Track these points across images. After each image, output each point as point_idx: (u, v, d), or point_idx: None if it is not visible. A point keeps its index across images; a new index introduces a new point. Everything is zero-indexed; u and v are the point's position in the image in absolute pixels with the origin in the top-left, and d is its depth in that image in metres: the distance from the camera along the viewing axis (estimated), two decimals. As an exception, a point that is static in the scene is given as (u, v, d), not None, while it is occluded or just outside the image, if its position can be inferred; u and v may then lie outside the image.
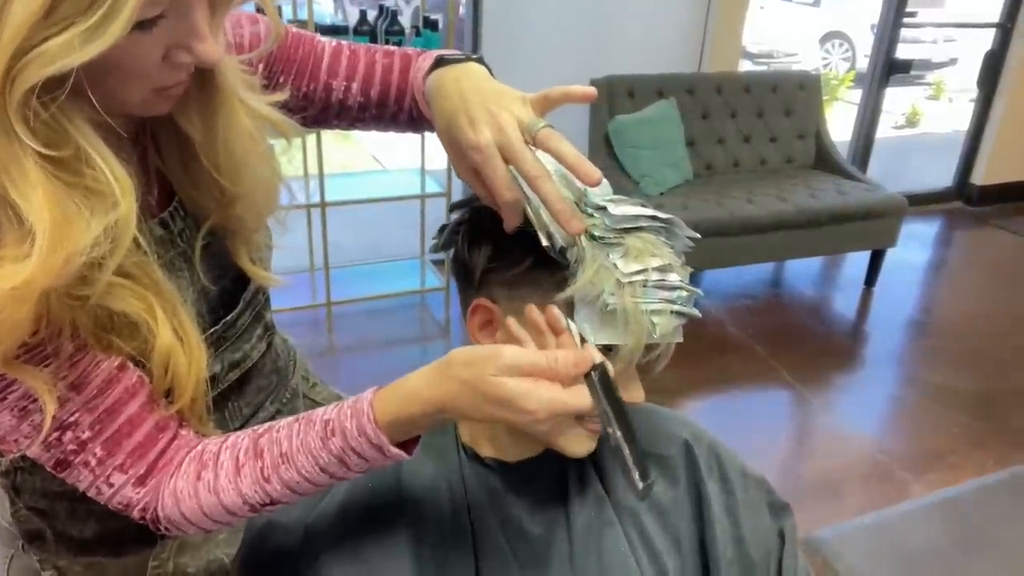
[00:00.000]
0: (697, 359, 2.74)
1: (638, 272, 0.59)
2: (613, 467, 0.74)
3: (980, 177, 4.46)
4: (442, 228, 0.71)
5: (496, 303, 0.64)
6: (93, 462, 0.62)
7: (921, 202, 4.33)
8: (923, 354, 3.01)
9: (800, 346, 2.96)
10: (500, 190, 0.59)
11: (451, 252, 0.69)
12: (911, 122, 7.06)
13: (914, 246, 3.88)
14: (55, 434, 0.60)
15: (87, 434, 0.61)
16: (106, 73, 0.53)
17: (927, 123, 7.09)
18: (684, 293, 0.61)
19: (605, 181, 0.65)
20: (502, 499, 0.70)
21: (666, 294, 0.60)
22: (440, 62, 0.71)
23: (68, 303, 0.56)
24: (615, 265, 0.59)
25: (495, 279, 0.64)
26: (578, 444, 0.66)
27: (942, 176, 4.65)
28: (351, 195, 2.83)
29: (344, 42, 0.85)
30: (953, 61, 8.19)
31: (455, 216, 0.68)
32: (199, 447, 0.65)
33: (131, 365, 0.63)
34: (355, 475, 0.61)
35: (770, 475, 0.80)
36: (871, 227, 3.22)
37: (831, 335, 3.16)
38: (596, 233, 0.59)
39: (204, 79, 0.65)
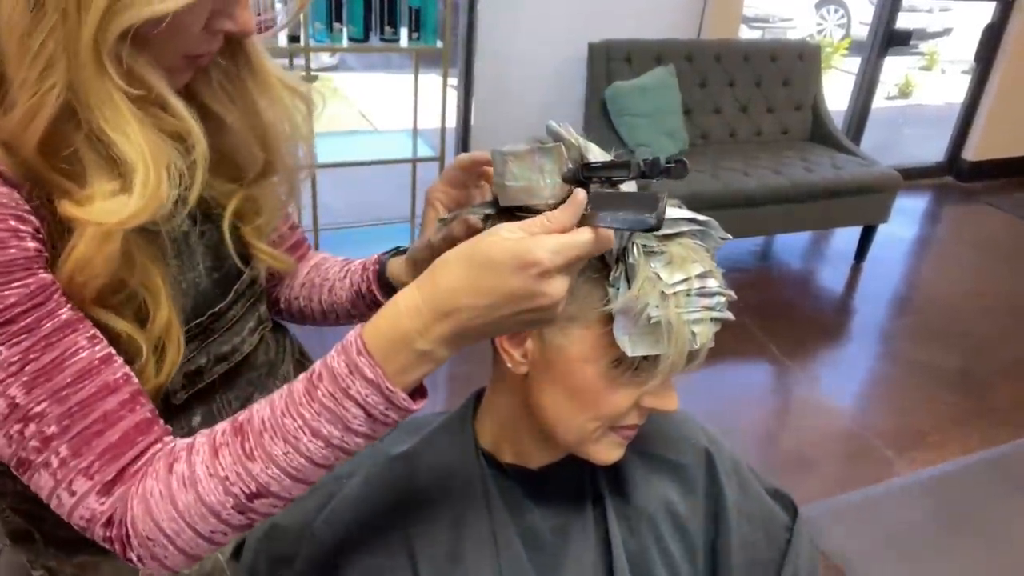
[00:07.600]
0: (687, 331, 2.73)
1: (682, 282, 0.57)
2: (634, 466, 0.72)
3: (972, 152, 4.45)
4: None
5: None
6: (55, 463, 0.54)
7: (911, 176, 4.31)
8: (910, 330, 3.03)
9: (788, 320, 2.96)
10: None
11: None
12: (904, 93, 7.02)
13: (903, 221, 3.88)
14: (16, 426, 0.53)
15: (52, 429, 0.54)
16: (148, 35, 0.55)
17: (920, 94, 7.05)
18: (722, 299, 0.59)
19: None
20: (522, 507, 0.68)
21: (706, 301, 0.58)
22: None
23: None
24: (658, 276, 0.56)
25: None
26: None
27: (933, 149, 4.64)
28: (341, 156, 2.76)
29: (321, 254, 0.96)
30: (948, 31, 8.13)
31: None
32: (172, 444, 0.57)
33: (118, 360, 0.58)
34: (358, 441, 0.53)
35: (755, 448, 0.80)
36: (865, 202, 3.20)
37: (819, 309, 3.17)
38: (641, 242, 0.57)
39: (235, 51, 0.69)
